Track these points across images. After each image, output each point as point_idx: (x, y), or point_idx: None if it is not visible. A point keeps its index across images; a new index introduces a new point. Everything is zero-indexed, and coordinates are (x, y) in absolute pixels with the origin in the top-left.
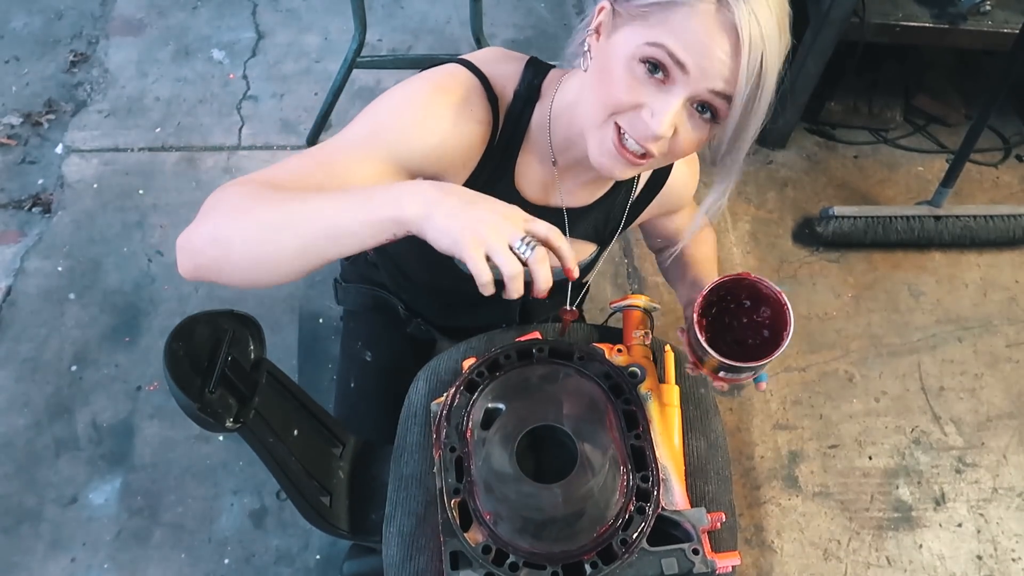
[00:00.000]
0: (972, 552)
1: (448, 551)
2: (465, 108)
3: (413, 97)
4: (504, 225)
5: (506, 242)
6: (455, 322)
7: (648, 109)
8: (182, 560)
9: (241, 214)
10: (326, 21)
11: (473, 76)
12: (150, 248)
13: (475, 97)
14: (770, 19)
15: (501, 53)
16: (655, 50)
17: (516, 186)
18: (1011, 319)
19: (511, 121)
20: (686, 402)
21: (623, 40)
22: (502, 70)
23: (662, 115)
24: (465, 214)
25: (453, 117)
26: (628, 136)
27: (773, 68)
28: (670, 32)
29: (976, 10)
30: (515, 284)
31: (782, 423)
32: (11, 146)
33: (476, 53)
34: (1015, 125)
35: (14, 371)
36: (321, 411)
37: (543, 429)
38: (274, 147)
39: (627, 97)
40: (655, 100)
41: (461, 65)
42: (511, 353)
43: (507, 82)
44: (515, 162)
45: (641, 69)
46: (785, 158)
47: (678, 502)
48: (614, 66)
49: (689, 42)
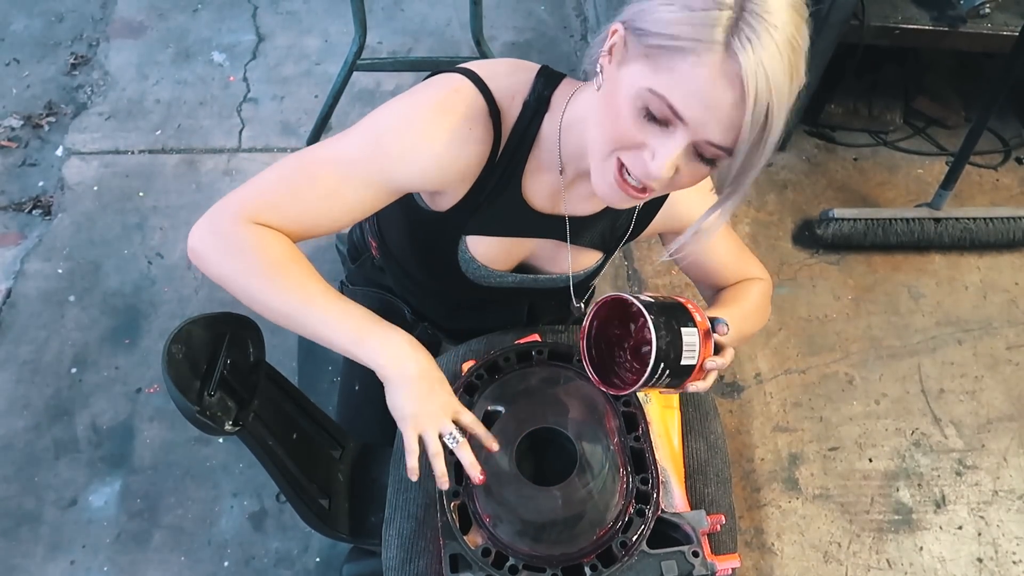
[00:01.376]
0: (972, 555)
1: (448, 554)
2: (465, 128)
3: (414, 117)
4: (441, 419)
5: (437, 431)
6: (461, 324)
7: (650, 151)
8: (181, 563)
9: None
10: (326, 23)
11: (478, 93)
12: (150, 250)
13: (477, 115)
14: (780, 65)
15: (513, 65)
16: (656, 100)
17: (523, 195)
18: (1011, 321)
19: (517, 134)
20: (685, 404)
21: (630, 78)
22: (510, 82)
23: (663, 159)
24: (420, 403)
25: (452, 139)
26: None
27: (781, 114)
28: (674, 82)
29: (976, 13)
30: (436, 462)
31: (782, 425)
32: (11, 148)
33: (487, 63)
34: (1015, 127)
35: (14, 373)
36: (320, 414)
37: (542, 431)
38: (274, 149)
39: (630, 135)
40: (657, 142)
41: (467, 78)
42: (510, 355)
43: (516, 93)
44: (522, 172)
45: (644, 111)
46: (785, 160)
47: (678, 504)
48: (620, 102)
49: (692, 92)
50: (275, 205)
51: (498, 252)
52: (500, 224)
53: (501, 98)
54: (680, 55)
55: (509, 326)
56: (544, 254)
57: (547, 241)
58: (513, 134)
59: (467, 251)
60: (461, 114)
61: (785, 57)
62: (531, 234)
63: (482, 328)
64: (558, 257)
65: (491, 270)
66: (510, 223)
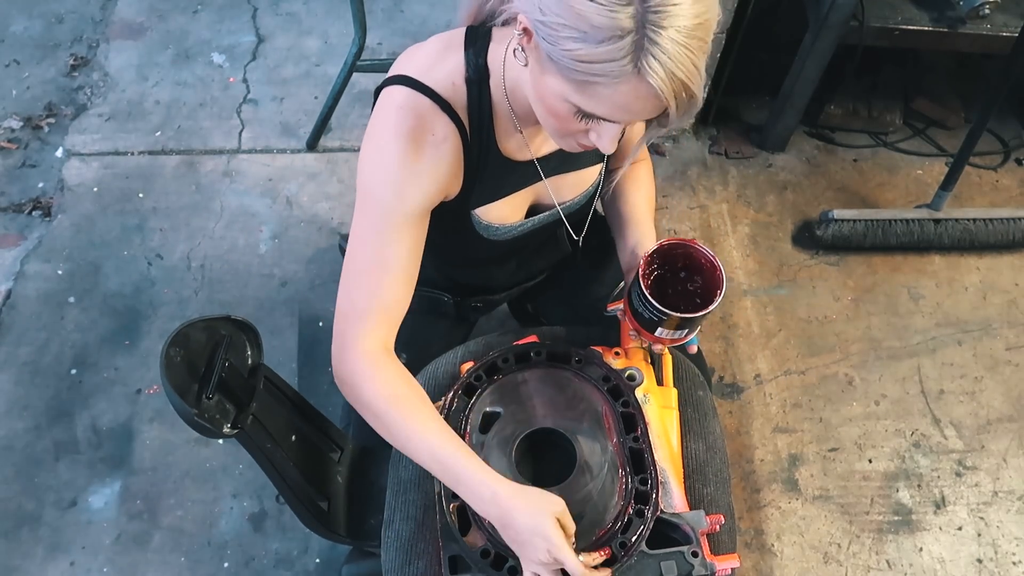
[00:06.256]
0: (972, 555)
1: (447, 555)
2: (428, 136)
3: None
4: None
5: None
6: (506, 280)
7: (595, 134)
8: (181, 564)
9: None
10: (326, 25)
11: (419, 96)
12: (150, 251)
13: (430, 118)
14: (689, 58)
15: (441, 46)
16: (585, 110)
17: (505, 155)
18: (1011, 322)
19: (474, 110)
20: (684, 404)
21: (555, 87)
22: (444, 69)
23: (607, 140)
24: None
25: (423, 153)
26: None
27: (701, 84)
28: (597, 102)
29: (975, 14)
30: None
31: (782, 426)
32: (11, 150)
33: (415, 58)
34: (1014, 128)
35: (14, 374)
36: (319, 416)
37: (541, 432)
38: (274, 151)
39: (572, 127)
40: (599, 129)
41: (403, 86)
42: (509, 356)
43: (455, 76)
44: (494, 137)
45: (578, 111)
46: (785, 161)
47: (677, 504)
48: (554, 105)
49: (616, 107)
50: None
51: (507, 209)
52: (497, 187)
53: (443, 89)
54: (595, 84)
55: (553, 258)
56: (548, 190)
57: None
58: (471, 113)
59: (481, 220)
60: (417, 127)
61: (694, 44)
62: (529, 183)
63: (529, 273)
64: (563, 188)
65: (510, 225)
66: (506, 182)
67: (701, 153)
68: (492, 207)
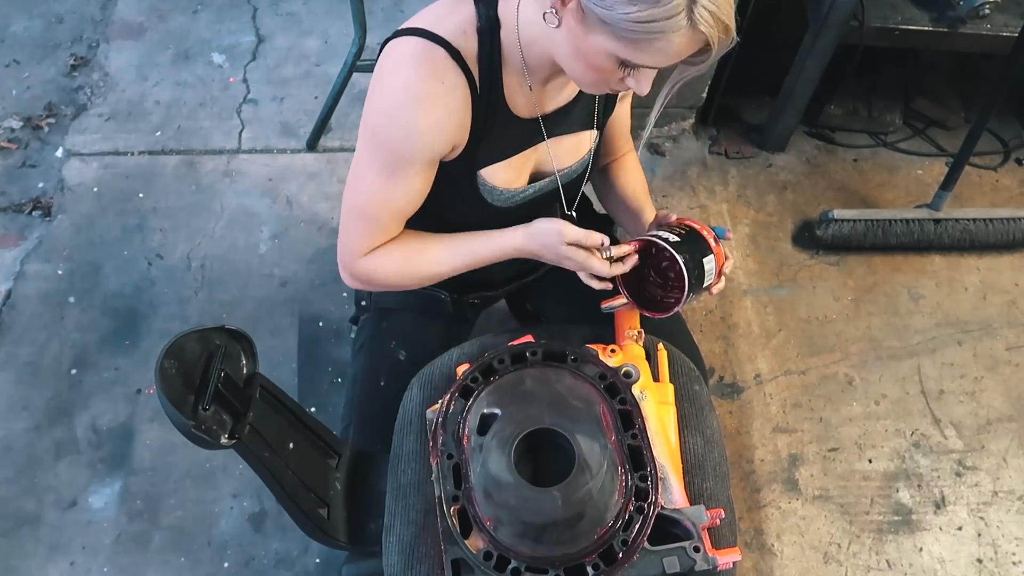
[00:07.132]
0: (972, 555)
1: (450, 559)
2: (438, 84)
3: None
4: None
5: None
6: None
7: (632, 79)
8: (181, 564)
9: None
10: (326, 25)
11: (432, 45)
12: (150, 251)
13: (442, 66)
14: (730, 6)
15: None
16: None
17: (512, 111)
18: (1011, 322)
19: (484, 62)
20: (681, 400)
21: (601, 44)
22: (455, 19)
23: (645, 83)
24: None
25: (435, 100)
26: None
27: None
28: (648, 56)
29: (975, 14)
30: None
31: (782, 426)
32: (11, 150)
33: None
34: (1014, 128)
35: (14, 374)
36: (316, 422)
37: (539, 433)
38: (274, 151)
39: (612, 77)
40: (637, 75)
41: (414, 36)
42: (504, 357)
43: (465, 26)
44: (502, 91)
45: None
46: (785, 161)
47: (677, 500)
48: (597, 60)
49: (665, 58)
50: (367, 236)
51: (510, 172)
52: (503, 145)
53: (454, 38)
54: (650, 39)
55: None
56: (549, 155)
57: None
58: (481, 64)
59: (486, 182)
60: (428, 74)
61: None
62: (532, 143)
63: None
64: (561, 153)
65: (513, 190)
66: (511, 141)
67: (701, 153)
68: (497, 169)
